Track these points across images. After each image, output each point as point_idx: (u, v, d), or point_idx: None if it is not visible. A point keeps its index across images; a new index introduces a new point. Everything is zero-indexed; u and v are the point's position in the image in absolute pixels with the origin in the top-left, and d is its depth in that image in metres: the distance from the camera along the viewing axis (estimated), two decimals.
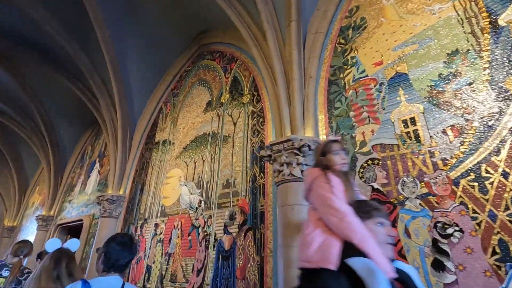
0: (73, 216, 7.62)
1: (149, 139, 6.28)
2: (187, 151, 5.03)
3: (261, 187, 3.59)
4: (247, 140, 4.07)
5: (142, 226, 5.10)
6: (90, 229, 6.57)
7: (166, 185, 5.07)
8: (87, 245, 6.39)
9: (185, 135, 5.27)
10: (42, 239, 8.34)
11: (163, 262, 4.34)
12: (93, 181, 7.59)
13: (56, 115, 8.83)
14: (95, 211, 6.72)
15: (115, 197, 5.83)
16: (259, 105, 4.18)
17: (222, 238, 3.67)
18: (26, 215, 11.30)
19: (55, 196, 8.98)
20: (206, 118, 5.01)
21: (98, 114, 7.05)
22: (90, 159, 8.51)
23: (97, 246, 5.44)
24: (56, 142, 9.08)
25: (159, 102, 6.54)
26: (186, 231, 4.23)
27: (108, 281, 1.65)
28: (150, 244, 4.73)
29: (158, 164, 5.56)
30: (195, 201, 4.35)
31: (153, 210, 5.06)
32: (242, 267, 3.30)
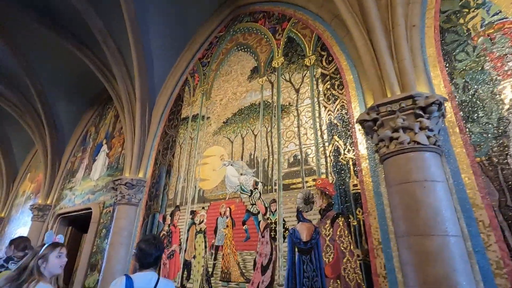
0: (76, 205, 6.67)
1: (172, 115, 5.41)
2: (228, 125, 4.22)
3: (348, 162, 2.84)
4: (319, 107, 3.31)
5: (173, 214, 4.27)
6: (100, 219, 5.67)
7: (204, 165, 4.25)
8: (97, 237, 5.50)
9: (224, 107, 4.44)
10: (38, 231, 7.37)
11: (207, 257, 3.55)
12: (100, 165, 6.66)
13: (54, 91, 7.77)
14: (105, 198, 5.83)
15: (135, 181, 4.96)
16: (331, 66, 3.41)
17: (296, 227, 2.92)
18: (16, 204, 10.18)
19: (52, 183, 7.97)
20: (253, 86, 4.20)
21: (110, 86, 6.10)
22: (94, 141, 7.53)
23: (114, 239, 4.61)
24: (54, 122, 8.03)
25: (184, 74, 5.66)
26: (239, 219, 3.45)
27: (145, 276, 1.94)
28: (186, 235, 3.93)
29: (188, 143, 4.72)
30: (248, 183, 3.57)
31: (187, 196, 4.24)
32: (334, 263, 2.56)
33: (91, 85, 8.10)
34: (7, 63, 7.23)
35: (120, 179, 4.98)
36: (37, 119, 8.19)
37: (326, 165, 2.98)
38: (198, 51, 5.59)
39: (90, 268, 5.25)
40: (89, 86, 8.10)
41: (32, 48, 6.85)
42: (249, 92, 4.20)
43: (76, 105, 8.28)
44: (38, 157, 10.53)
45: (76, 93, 8.10)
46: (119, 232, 4.67)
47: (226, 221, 3.57)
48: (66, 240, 6.87)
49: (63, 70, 7.50)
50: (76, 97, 8.17)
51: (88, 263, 5.30)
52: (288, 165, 3.28)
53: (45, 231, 7.30)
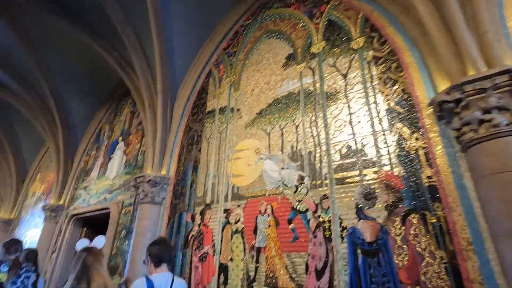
0: (91, 205, 6.37)
1: (196, 109, 5.10)
2: (263, 116, 3.90)
3: (417, 152, 2.50)
4: (374, 93, 2.97)
5: (204, 213, 3.95)
6: (119, 219, 5.36)
7: (236, 160, 3.92)
8: (116, 239, 5.18)
9: (257, 98, 4.12)
10: (50, 232, 7.09)
11: (248, 259, 3.21)
12: (117, 163, 6.36)
13: (66, 88, 7.51)
14: (124, 197, 5.52)
15: (159, 178, 4.65)
16: (385, 48, 3.08)
17: (356, 226, 2.58)
18: (26, 206, 9.93)
19: (65, 183, 7.69)
20: (290, 74, 3.88)
21: (129, 79, 5.81)
22: (109, 139, 7.25)
23: (138, 240, 4.29)
24: (67, 120, 7.76)
25: (207, 65, 5.36)
26: (284, 218, 3.11)
27: (162, 276, 2.06)
28: (220, 236, 3.59)
29: (217, 137, 4.40)
30: (291, 177, 3.24)
31: (218, 193, 3.91)
32: (410, 266, 2.22)
33: (104, 82, 7.85)
34: (19, 58, 6.97)
35: (142, 176, 4.67)
36: (49, 116, 7.93)
37: (389, 155, 2.64)
38: (222, 41, 5.28)
39: (110, 272, 4.92)
40: (102, 82, 7.85)
41: (45, 41, 6.59)
42: (286, 80, 3.88)
43: (89, 102, 8.01)
44: (48, 157, 10.29)
45: (89, 90, 7.84)
46: (142, 233, 4.35)
47: (267, 220, 3.23)
48: None
49: (75, 66, 7.25)
50: (89, 94, 7.91)
51: (108, 266, 4.97)
52: (340, 157, 2.95)
53: (58, 232, 7.01)
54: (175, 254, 3.93)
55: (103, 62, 7.33)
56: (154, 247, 2.22)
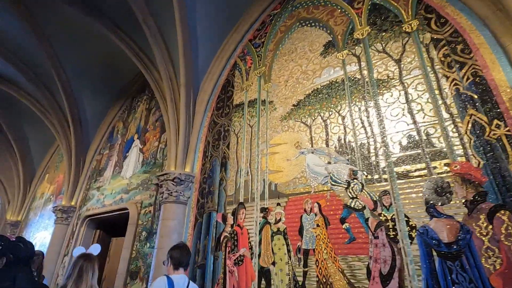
0: (106, 206, 6.08)
1: (221, 103, 4.82)
2: (301, 108, 3.61)
3: (501, 140, 2.21)
4: (437, 77, 2.68)
5: (237, 212, 3.65)
6: (138, 220, 5.06)
7: (273, 155, 3.63)
8: (136, 241, 4.88)
9: (292, 89, 3.84)
10: (62, 234, 6.81)
11: (293, 263, 2.90)
12: (133, 161, 6.08)
13: (79, 84, 7.26)
14: (143, 197, 5.23)
15: (184, 176, 4.36)
16: (446, 29, 2.80)
17: (428, 225, 2.28)
18: (34, 207, 9.66)
19: (76, 183, 7.42)
20: (330, 63, 3.60)
21: (148, 73, 5.54)
22: (123, 137, 6.98)
23: (163, 242, 4.00)
24: (79, 118, 7.51)
25: (231, 57, 5.09)
26: (335, 217, 2.81)
27: (180, 278, 2.26)
28: (258, 237, 3.29)
29: (247, 131, 4.12)
30: (340, 172, 2.94)
31: (253, 191, 3.62)
32: (504, 271, 1.91)
33: (117, 78, 7.61)
34: (32, 52, 6.74)
35: (166, 174, 4.38)
36: (61, 114, 7.68)
37: (463, 145, 2.35)
38: (248, 32, 5.02)
39: (130, 276, 4.62)
40: (116, 79, 7.61)
41: (58, 36, 6.36)
42: (326, 69, 3.60)
43: (101, 100, 7.76)
44: (57, 157, 10.05)
45: (101, 86, 7.59)
46: (168, 234, 4.05)
47: (315, 219, 2.93)
48: None
49: (89, 62, 7.01)
50: (102, 91, 7.66)
51: (127, 270, 4.67)
52: (400, 148, 2.65)
53: (70, 234, 6.72)
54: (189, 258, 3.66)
55: (117, 58, 7.12)
56: (176, 250, 2.37)
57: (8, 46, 6.86)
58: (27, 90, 8.04)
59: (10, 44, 6.83)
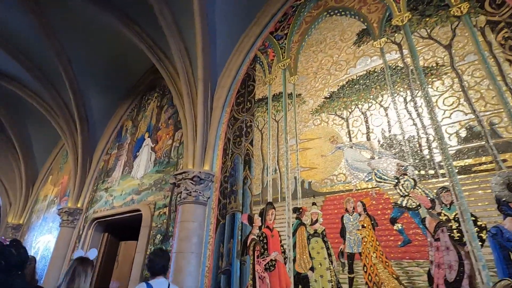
0: (115, 207, 5.79)
1: (242, 98, 4.57)
2: (335, 100, 3.36)
3: None
4: (498, 62, 2.43)
5: (265, 213, 3.37)
6: (152, 222, 4.77)
7: (304, 151, 3.36)
8: (150, 244, 4.59)
9: (323, 81, 3.59)
10: (68, 237, 6.50)
11: (336, 268, 2.62)
12: (144, 161, 5.80)
13: (86, 82, 7.01)
14: (156, 197, 4.95)
15: (203, 175, 4.08)
16: (504, 11, 2.56)
17: (502, 225, 2.00)
18: (36, 210, 9.35)
19: (82, 184, 7.13)
20: (366, 52, 3.36)
21: (162, 66, 5.29)
22: (133, 136, 6.71)
23: (182, 246, 3.73)
24: (86, 116, 7.24)
25: (251, 51, 4.85)
26: (383, 217, 2.53)
27: (160, 282, 2.41)
28: (292, 240, 3.01)
29: (273, 126, 3.85)
30: (386, 168, 2.67)
31: (283, 189, 3.34)
32: None
33: (126, 76, 7.38)
34: (38, 49, 6.49)
35: (185, 172, 4.10)
36: (67, 113, 7.42)
37: None
38: (269, 24, 4.79)
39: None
40: (125, 77, 7.37)
41: (67, 32, 6.13)
42: (361, 58, 3.35)
43: (109, 98, 7.51)
44: (60, 158, 9.77)
45: (110, 84, 7.34)
46: (188, 237, 3.76)
47: (359, 219, 2.65)
48: (102, 249, 5.97)
49: (97, 59, 6.78)
50: (110, 89, 7.41)
51: (141, 276, 4.36)
52: (458, 141, 2.39)
53: (76, 237, 6.41)
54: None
55: (126, 56, 6.91)
56: (153, 256, 2.53)
57: (14, 42, 6.62)
58: (32, 88, 7.78)
59: (16, 40, 6.59)
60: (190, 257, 3.66)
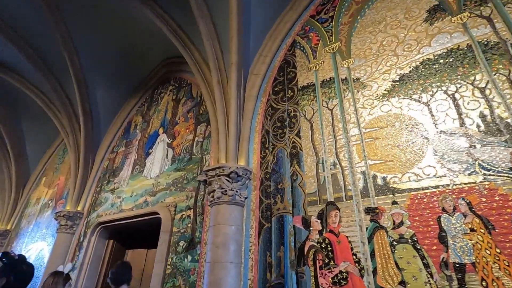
0: (124, 210, 5.12)
1: (280, 86, 4.06)
2: (408, 83, 2.88)
3: None
4: None
5: (325, 215, 2.81)
6: (172, 227, 4.13)
7: (373, 142, 2.85)
8: (171, 253, 3.94)
9: (388, 62, 3.13)
10: (65, 245, 5.79)
11: (440, 283, 2.07)
12: (159, 159, 5.18)
13: (94, 74, 6.41)
14: (176, 199, 4.33)
15: (241, 171, 3.51)
16: None
17: None
18: (27, 214, 8.49)
19: (84, 186, 6.42)
20: (442, 28, 2.91)
21: (187, 51, 4.74)
22: (144, 131, 6.09)
23: (217, 254, 3.12)
24: (90, 112, 6.59)
25: (287, 36, 4.39)
26: (502, 217, 2.02)
27: None
28: (369, 247, 2.45)
29: (326, 115, 3.34)
30: (495, 158, 2.18)
31: (348, 186, 2.80)
32: None
33: (136, 69, 6.81)
34: (44, 35, 5.88)
35: (220, 168, 3.52)
36: (70, 108, 6.75)
37: None
38: (308, 8, 4.35)
39: None
40: (134, 70, 6.80)
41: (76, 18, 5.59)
42: (436, 36, 2.91)
43: (117, 92, 6.90)
44: (56, 159, 9.00)
45: (117, 79, 6.75)
46: (224, 244, 3.15)
47: (465, 221, 2.13)
48: (107, 258, 5.26)
49: (106, 50, 6.25)
50: (118, 83, 6.81)
51: None
52: None
53: (76, 245, 5.66)
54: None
55: (138, 47, 6.38)
56: (114, 269, 2.78)
57: (14, 25, 5.97)
58: (31, 80, 7.10)
59: (16, 23, 5.96)
60: (229, 267, 3.05)
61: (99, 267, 5.21)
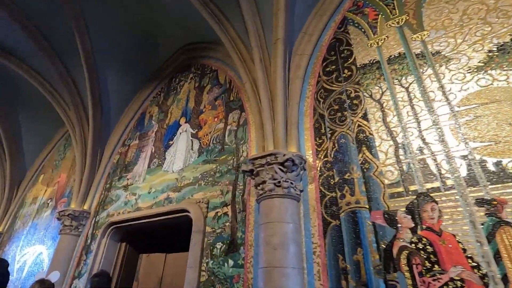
0: (141, 209, 4.52)
1: (333, 66, 3.58)
2: (511, 52, 2.43)
3: None
4: None
5: (417, 209, 2.29)
6: (205, 226, 3.55)
7: (471, 121, 2.37)
8: (206, 257, 3.35)
9: (478, 32, 2.68)
10: (70, 248, 5.15)
11: None
12: (182, 150, 4.62)
13: (104, 60, 5.84)
14: (208, 194, 3.78)
15: (297, 159, 2.98)
16: None
17: None
18: (22, 215, 7.75)
19: (91, 182, 5.78)
20: None
21: (221, 28, 4.20)
22: (161, 123, 5.53)
23: (272, 258, 2.57)
24: (100, 101, 6.00)
25: (336, 14, 3.93)
26: None
27: None
28: (489, 248, 1.94)
29: (400, 94, 2.86)
30: None
31: (444, 174, 2.30)
32: None
33: (152, 57, 6.28)
34: (53, 12, 5.31)
35: (272, 155, 2.98)
36: (77, 97, 6.13)
37: None
38: None
39: None
40: (150, 58, 6.27)
41: None
42: None
43: (129, 82, 6.33)
44: (55, 155, 8.33)
45: (131, 66, 6.21)
46: (282, 245, 2.59)
47: None
48: (118, 264, 4.63)
49: (121, 33, 5.71)
50: (131, 70, 6.25)
51: None
52: None
53: (82, 248, 5.00)
54: None
55: (155, 32, 5.86)
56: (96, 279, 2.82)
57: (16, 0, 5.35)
58: (33, 65, 6.46)
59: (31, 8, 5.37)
60: (291, 274, 2.49)
61: (110, 274, 4.55)
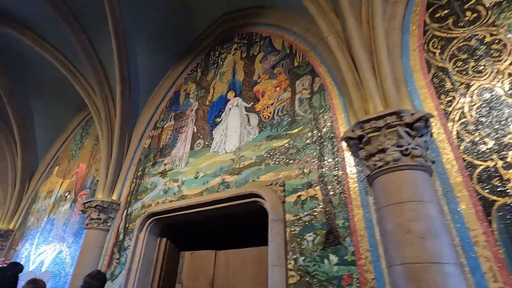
0: (189, 196, 3.77)
1: (444, 11, 2.84)
2: None
3: None
4: None
5: None
6: (285, 214, 2.80)
7: None
8: (292, 250, 2.60)
9: None
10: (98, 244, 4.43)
11: None
12: (236, 127, 3.89)
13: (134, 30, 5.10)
14: (282, 174, 3.04)
15: (423, 120, 2.22)
16: None
17: None
18: (35, 211, 7.03)
19: (119, 169, 5.04)
20: None
21: None
22: (202, 100, 4.79)
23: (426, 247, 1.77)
24: (129, 81, 5.26)
25: None
26: None
27: None
28: None
29: None
30: None
31: None
32: None
33: (186, 29, 5.54)
34: None
35: (395, 113, 2.23)
36: (102, 75, 5.40)
37: None
38: None
39: None
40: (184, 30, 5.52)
41: None
42: None
43: (161, 56, 5.58)
44: (71, 144, 7.63)
45: (164, 38, 5.45)
46: (431, 233, 1.84)
47: None
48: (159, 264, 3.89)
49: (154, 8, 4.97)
50: (163, 45, 5.51)
51: None
52: None
53: (113, 244, 4.26)
54: None
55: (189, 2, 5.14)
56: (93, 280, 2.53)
57: None
58: (50, 39, 5.74)
59: None
60: (450, 271, 1.73)
61: (151, 275, 3.81)
